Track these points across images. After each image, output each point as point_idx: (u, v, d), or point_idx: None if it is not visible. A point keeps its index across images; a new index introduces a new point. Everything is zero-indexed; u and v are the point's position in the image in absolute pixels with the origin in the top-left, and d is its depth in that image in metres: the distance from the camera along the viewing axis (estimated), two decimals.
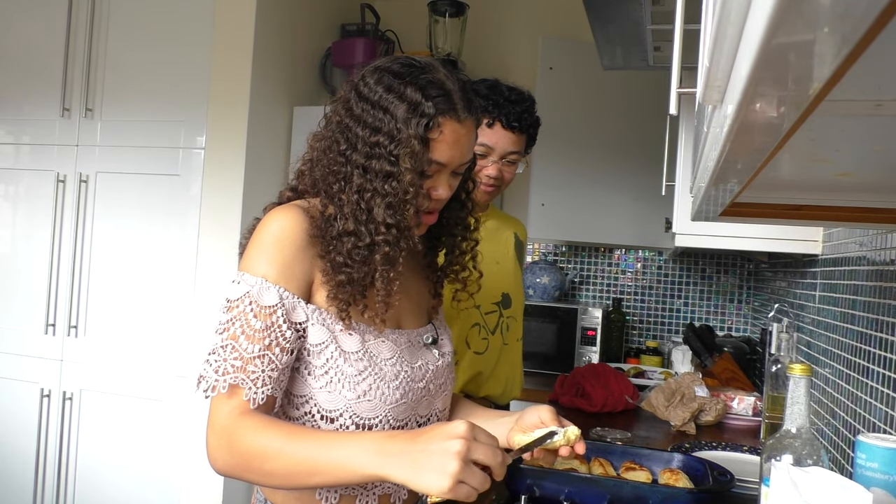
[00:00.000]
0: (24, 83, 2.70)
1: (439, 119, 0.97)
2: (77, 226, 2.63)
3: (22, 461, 2.65)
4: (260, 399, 0.93)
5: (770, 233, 1.86)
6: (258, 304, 0.94)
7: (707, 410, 2.00)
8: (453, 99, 0.98)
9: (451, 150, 0.99)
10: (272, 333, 0.94)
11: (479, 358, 1.67)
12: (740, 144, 0.47)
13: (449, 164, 1.00)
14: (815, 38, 0.28)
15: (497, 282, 1.72)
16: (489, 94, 1.60)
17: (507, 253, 1.79)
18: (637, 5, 1.61)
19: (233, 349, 0.93)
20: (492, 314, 1.71)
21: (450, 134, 0.98)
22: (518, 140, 1.62)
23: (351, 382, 0.98)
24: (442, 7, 2.97)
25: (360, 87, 1.00)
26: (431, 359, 1.10)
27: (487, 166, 1.61)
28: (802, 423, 0.93)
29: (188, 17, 2.53)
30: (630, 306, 3.24)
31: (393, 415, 1.02)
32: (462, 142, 1.00)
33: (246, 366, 0.93)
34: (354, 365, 0.98)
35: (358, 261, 0.97)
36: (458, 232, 1.14)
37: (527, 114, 1.62)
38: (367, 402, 0.99)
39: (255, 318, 0.94)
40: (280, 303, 0.95)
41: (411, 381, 1.04)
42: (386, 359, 1.02)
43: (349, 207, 0.98)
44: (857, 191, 0.84)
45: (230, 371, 0.93)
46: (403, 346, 1.05)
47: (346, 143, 0.99)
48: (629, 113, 2.89)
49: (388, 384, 1.00)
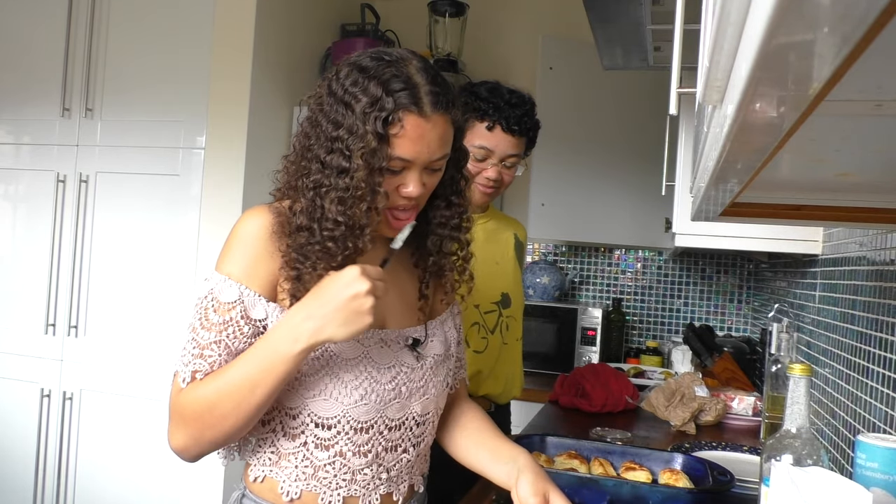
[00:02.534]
0: (24, 83, 2.70)
1: (400, 114, 0.94)
2: (77, 226, 2.63)
3: (22, 461, 2.65)
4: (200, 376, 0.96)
5: (770, 233, 1.86)
6: (218, 300, 0.97)
7: (707, 410, 2.00)
8: (418, 93, 0.95)
9: (415, 145, 0.96)
10: (229, 327, 0.97)
11: (478, 357, 1.68)
12: (740, 144, 0.47)
13: (415, 160, 0.97)
14: (815, 38, 0.28)
15: (496, 281, 1.72)
16: (489, 97, 1.60)
17: (507, 253, 1.80)
18: (637, 5, 1.61)
19: (192, 340, 0.97)
20: (491, 313, 1.71)
21: (412, 129, 0.95)
22: (518, 143, 1.63)
23: (307, 382, 0.99)
24: (442, 7, 2.97)
25: (332, 82, 0.99)
26: (409, 360, 1.07)
27: (487, 169, 1.61)
28: (802, 423, 0.93)
29: (188, 18, 2.53)
30: (630, 306, 3.24)
31: (353, 415, 1.01)
32: (428, 137, 0.96)
33: (203, 351, 0.96)
34: (311, 363, 0.99)
35: (309, 257, 0.96)
36: (442, 232, 1.09)
37: (527, 117, 1.62)
38: (323, 401, 1.00)
39: (214, 313, 0.97)
40: (239, 299, 0.97)
41: (374, 382, 1.02)
42: (347, 359, 1.01)
43: (306, 202, 0.98)
44: (857, 191, 0.84)
45: (190, 361, 0.97)
46: (373, 345, 1.03)
47: (313, 138, 0.99)
48: (629, 113, 2.89)
49: (345, 384, 1.00)
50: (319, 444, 1.01)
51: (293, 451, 1.02)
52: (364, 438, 1.02)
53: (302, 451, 1.02)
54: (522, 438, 1.40)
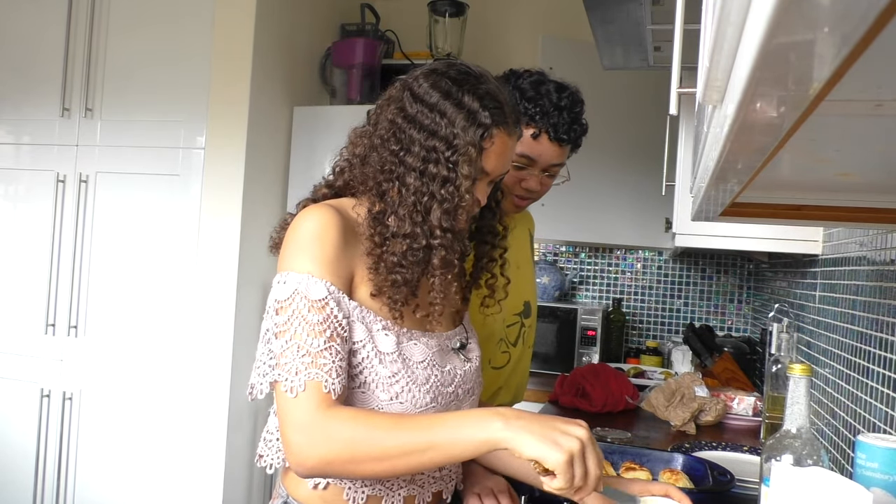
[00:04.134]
0: (24, 83, 2.70)
1: (493, 130, 0.99)
2: (77, 226, 2.63)
3: (22, 461, 2.65)
4: (339, 389, 0.93)
5: (770, 233, 1.86)
6: (309, 298, 0.93)
7: (707, 410, 2.00)
8: (505, 111, 1.01)
9: (498, 160, 1.02)
10: (331, 324, 0.94)
11: (498, 373, 1.57)
12: (740, 144, 0.47)
13: (492, 173, 1.03)
14: (815, 38, 0.28)
15: (519, 290, 1.58)
16: (535, 98, 1.41)
17: (526, 255, 1.68)
18: (637, 5, 1.61)
19: (298, 347, 0.92)
20: (513, 326, 1.60)
21: (500, 145, 1.01)
22: (564, 152, 1.45)
23: (384, 384, 0.98)
24: (442, 7, 2.97)
25: (415, 87, 1.00)
26: (459, 363, 1.10)
27: (527, 179, 1.44)
28: (802, 423, 0.93)
29: (188, 18, 2.53)
30: (630, 306, 3.24)
31: None
32: (508, 154, 1.03)
33: (316, 360, 0.92)
34: (389, 366, 0.98)
35: (412, 262, 0.98)
36: (488, 239, 1.14)
37: (577, 124, 1.44)
38: (398, 405, 0.99)
39: (310, 312, 0.93)
40: (329, 295, 0.95)
41: (441, 385, 1.03)
42: (418, 362, 1.02)
43: (405, 209, 0.98)
44: (857, 191, 0.84)
45: (302, 369, 0.92)
46: (434, 349, 1.05)
47: (398, 144, 0.99)
48: (629, 113, 2.89)
49: (419, 387, 1.00)
50: None
51: None
52: None
53: None
54: None
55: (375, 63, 2.97)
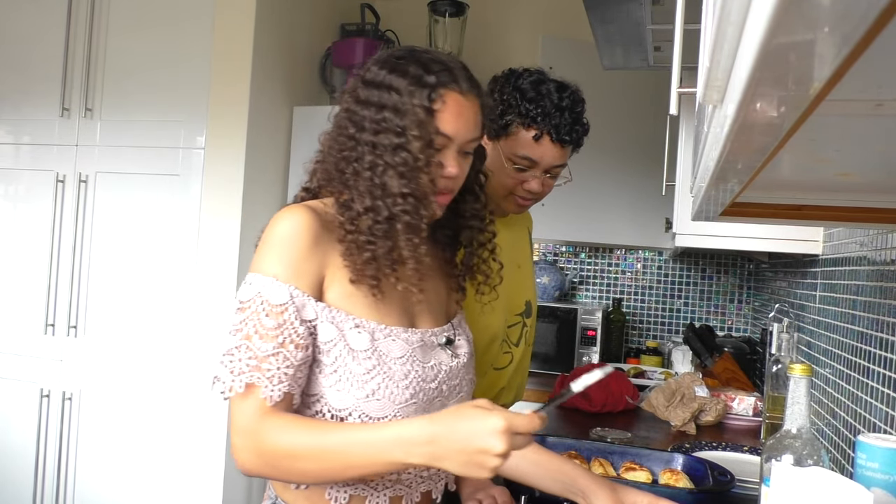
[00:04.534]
0: (24, 83, 2.70)
1: (441, 90, 0.99)
2: (77, 226, 2.63)
3: (22, 461, 2.65)
4: (277, 396, 0.93)
5: (770, 233, 1.86)
6: (269, 302, 0.95)
7: (707, 410, 2.00)
8: (455, 73, 1.00)
9: (456, 121, 1.00)
10: (285, 331, 0.94)
11: (500, 374, 1.56)
12: (740, 144, 0.47)
13: (455, 136, 1.00)
14: (815, 38, 0.28)
15: (520, 289, 1.59)
16: (536, 98, 1.39)
17: (525, 253, 1.67)
18: (637, 5, 1.61)
19: (247, 349, 0.94)
20: (515, 326, 1.59)
21: (453, 105, 0.99)
22: (565, 153, 1.44)
23: (359, 381, 0.98)
24: (442, 7, 2.97)
25: (365, 74, 1.03)
26: (445, 359, 1.08)
27: (528, 181, 1.43)
28: (803, 423, 0.93)
29: (188, 17, 2.53)
30: (630, 306, 3.24)
31: (403, 414, 1.01)
32: (466, 115, 1.01)
33: (261, 364, 0.93)
34: (363, 363, 0.98)
35: (380, 236, 0.98)
36: (474, 224, 1.13)
37: (578, 124, 1.43)
38: (375, 402, 0.98)
39: (268, 317, 0.94)
40: (290, 300, 0.95)
41: (422, 381, 1.02)
42: (396, 357, 1.01)
43: (364, 185, 0.99)
44: (858, 191, 0.84)
45: (245, 370, 0.93)
46: (416, 345, 1.04)
47: (353, 127, 1.00)
48: (629, 113, 2.89)
49: (396, 383, 0.99)
50: None
51: None
52: None
53: None
54: None
55: None
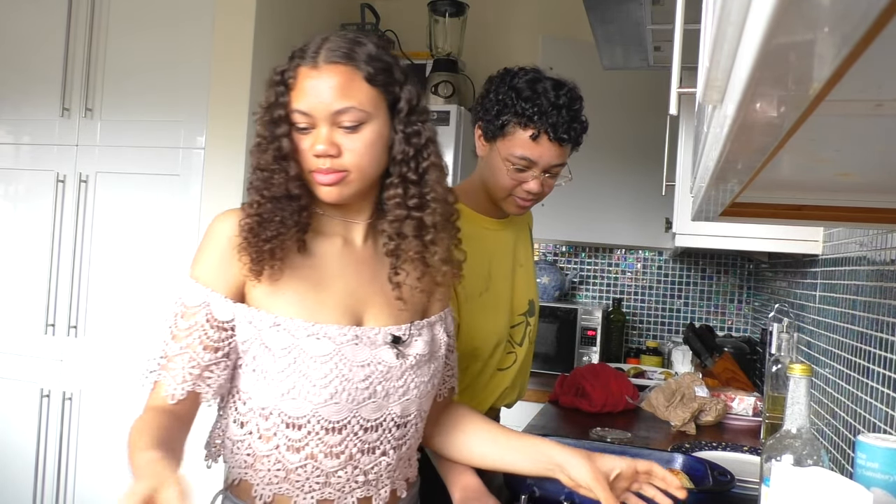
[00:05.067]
0: (24, 83, 2.70)
1: (293, 71, 1.00)
2: (77, 226, 2.63)
3: (22, 461, 2.65)
4: (179, 395, 0.97)
5: (770, 233, 1.86)
6: (185, 304, 1.00)
7: (707, 410, 2.00)
8: (317, 49, 1.00)
9: (308, 96, 0.98)
10: (195, 332, 0.98)
11: (504, 374, 1.54)
12: (740, 144, 0.47)
13: (311, 112, 0.98)
14: (815, 38, 0.28)
15: (524, 289, 1.58)
16: (532, 97, 1.37)
17: (527, 251, 1.65)
18: (637, 5, 1.61)
19: (162, 349, 1.00)
20: (518, 326, 1.56)
21: (303, 80, 0.99)
22: (564, 151, 1.41)
23: (275, 380, 0.99)
24: (442, 7, 2.97)
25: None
26: (388, 358, 1.04)
27: (528, 181, 1.41)
28: (802, 423, 0.93)
29: (188, 17, 2.53)
30: (630, 306, 3.24)
31: (324, 414, 1.00)
32: (321, 88, 0.98)
33: (168, 363, 0.99)
34: (278, 362, 0.99)
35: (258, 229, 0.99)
36: (399, 213, 1.04)
37: (576, 122, 1.40)
38: (291, 401, 0.99)
39: (182, 318, 1.00)
40: (205, 302, 0.99)
41: (345, 381, 1.00)
42: (317, 355, 0.99)
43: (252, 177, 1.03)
44: (857, 191, 0.84)
45: (156, 369, 1.00)
46: (346, 343, 1.01)
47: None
48: (629, 113, 2.89)
49: (314, 383, 0.98)
50: (290, 447, 1.00)
51: (266, 454, 1.02)
52: (336, 439, 1.01)
53: (274, 454, 1.01)
54: None
55: None
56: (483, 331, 1.46)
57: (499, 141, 1.42)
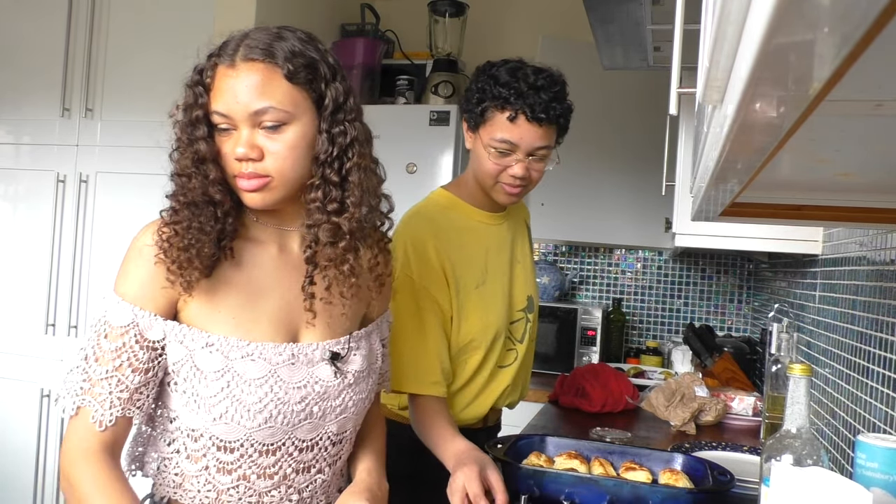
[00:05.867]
0: (24, 83, 2.70)
1: (209, 71, 0.95)
2: (77, 226, 2.63)
3: (22, 461, 2.65)
4: (108, 421, 0.92)
5: (770, 233, 1.86)
6: (110, 324, 0.94)
7: (707, 410, 2.00)
8: (234, 46, 0.94)
9: (224, 95, 0.93)
10: (122, 354, 0.93)
11: (505, 372, 1.54)
12: (740, 144, 0.47)
13: (229, 113, 0.93)
14: (815, 38, 0.28)
15: (522, 285, 1.58)
16: (509, 82, 1.37)
17: (525, 248, 1.64)
18: (637, 5, 1.61)
19: (83, 371, 0.93)
20: (518, 322, 1.56)
21: (220, 80, 0.94)
22: (547, 133, 1.39)
23: (207, 404, 0.94)
24: (442, 7, 2.97)
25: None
26: (325, 377, 1.00)
27: (512, 165, 1.40)
28: (802, 423, 0.93)
29: (188, 18, 2.53)
30: (630, 306, 3.24)
31: (258, 438, 0.96)
32: (236, 87, 0.92)
33: (93, 388, 0.92)
34: (211, 386, 0.94)
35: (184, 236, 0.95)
36: (318, 217, 0.97)
37: (556, 102, 1.39)
38: (223, 425, 0.94)
39: (106, 339, 0.93)
40: (133, 322, 0.93)
41: (281, 404, 0.95)
42: (252, 378, 0.94)
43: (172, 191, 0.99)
44: (857, 191, 0.84)
45: (78, 393, 0.93)
46: (282, 364, 0.97)
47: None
48: (629, 113, 2.89)
49: (248, 408, 0.94)
50: (222, 469, 0.96)
51: (195, 475, 0.98)
52: (270, 461, 0.98)
53: (204, 475, 0.97)
54: (522, 438, 1.40)
55: (375, 63, 2.97)
56: (480, 323, 1.46)
57: (481, 128, 1.42)
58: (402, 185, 1.61)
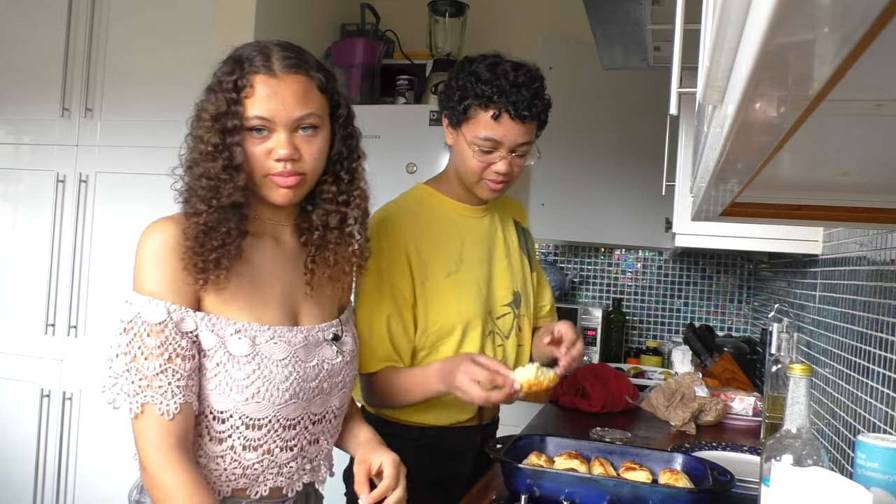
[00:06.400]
0: (24, 83, 2.70)
1: (249, 77, 1.00)
2: (77, 226, 2.63)
3: (22, 461, 2.65)
4: (174, 410, 0.97)
5: (770, 233, 1.86)
6: (148, 322, 0.98)
7: (707, 410, 2.00)
8: (269, 57, 1.01)
9: (268, 103, 1.00)
10: (169, 347, 0.98)
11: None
12: (740, 144, 0.47)
13: (273, 118, 1.01)
14: (815, 38, 0.28)
15: (506, 281, 1.58)
16: (491, 79, 1.39)
17: (512, 244, 1.64)
18: (637, 5, 1.61)
19: (136, 371, 0.98)
20: (504, 317, 1.57)
21: (262, 87, 1.00)
22: (528, 129, 1.43)
23: (239, 386, 1.01)
24: (442, 7, 2.97)
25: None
26: (329, 356, 1.12)
27: (495, 162, 1.42)
28: (802, 423, 0.93)
29: (188, 17, 2.53)
30: (630, 306, 3.23)
31: (283, 414, 1.05)
32: (282, 94, 1.01)
33: (151, 383, 0.98)
34: (243, 368, 1.01)
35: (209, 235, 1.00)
36: (328, 207, 1.11)
37: (537, 99, 1.41)
38: (255, 404, 1.02)
39: (150, 337, 0.98)
40: (168, 317, 0.98)
41: (303, 381, 1.06)
42: (278, 360, 1.04)
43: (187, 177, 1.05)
44: (857, 191, 0.84)
45: (139, 392, 0.98)
46: (299, 345, 1.07)
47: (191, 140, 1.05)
48: (629, 113, 2.89)
49: (277, 386, 1.03)
50: (248, 446, 1.04)
51: (220, 454, 1.04)
52: (291, 434, 1.07)
53: (230, 454, 1.04)
54: (522, 438, 1.40)
55: (375, 63, 2.97)
56: (448, 311, 1.47)
57: (463, 126, 1.43)
58: (402, 185, 1.62)
